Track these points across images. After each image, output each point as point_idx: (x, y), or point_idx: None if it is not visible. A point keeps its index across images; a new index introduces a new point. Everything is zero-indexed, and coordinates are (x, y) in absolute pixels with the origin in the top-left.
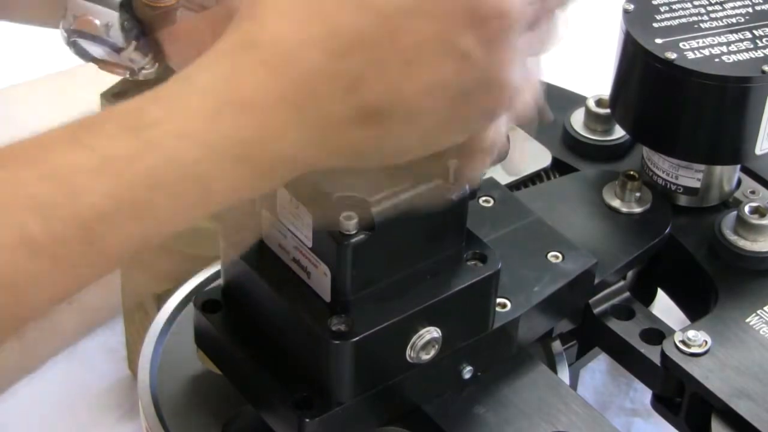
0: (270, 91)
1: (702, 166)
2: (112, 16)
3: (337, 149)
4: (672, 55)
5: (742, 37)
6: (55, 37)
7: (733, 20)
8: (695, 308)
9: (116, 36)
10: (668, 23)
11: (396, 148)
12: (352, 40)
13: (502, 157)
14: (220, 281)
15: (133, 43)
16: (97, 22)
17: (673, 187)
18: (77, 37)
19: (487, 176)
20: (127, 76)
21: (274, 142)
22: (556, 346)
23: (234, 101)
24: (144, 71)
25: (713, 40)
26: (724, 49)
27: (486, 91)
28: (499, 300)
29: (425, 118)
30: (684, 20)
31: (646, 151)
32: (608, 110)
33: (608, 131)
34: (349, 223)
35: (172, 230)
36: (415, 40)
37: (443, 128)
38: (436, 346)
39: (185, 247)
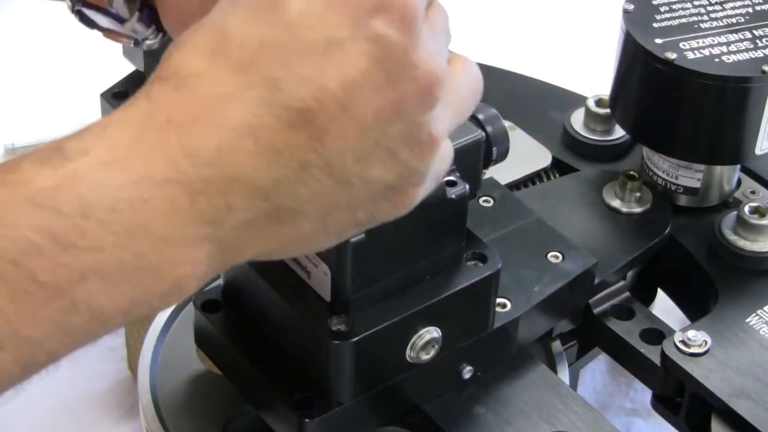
0: (185, 109)
1: (702, 166)
2: None
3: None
4: (672, 55)
5: (742, 37)
6: (55, 36)
7: (733, 20)
8: (695, 308)
9: (119, 7)
10: (668, 23)
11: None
12: (256, 50)
13: (502, 158)
14: (220, 281)
15: (136, 14)
16: None
17: (673, 187)
18: (81, 6)
19: (487, 176)
20: (132, 45)
21: (200, 157)
22: (556, 346)
23: (153, 126)
24: (147, 42)
25: (713, 40)
26: (724, 49)
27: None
28: (499, 300)
29: (357, 108)
30: (684, 20)
31: (646, 151)
32: (608, 110)
33: (608, 131)
34: None
35: (114, 262)
36: (327, 36)
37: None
38: (436, 346)
39: None
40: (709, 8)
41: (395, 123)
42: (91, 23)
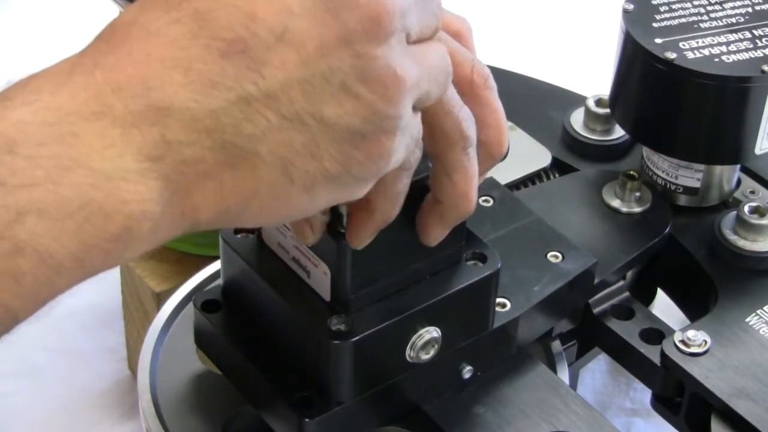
0: (112, 53)
1: (702, 166)
2: None
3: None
4: (672, 55)
5: (741, 36)
6: (54, 35)
7: (733, 20)
8: (695, 308)
9: None
10: (668, 23)
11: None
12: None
13: (502, 157)
14: (220, 281)
15: None
16: None
17: (673, 187)
18: None
19: (487, 176)
20: None
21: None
22: (556, 345)
23: (80, 71)
24: None
25: (713, 40)
26: (724, 48)
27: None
28: (498, 300)
29: (293, 37)
30: (684, 20)
31: (645, 150)
32: (608, 110)
33: (608, 131)
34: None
35: (52, 198)
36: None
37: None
38: (436, 346)
39: (185, 247)
40: (709, 8)
41: (342, 55)
42: None
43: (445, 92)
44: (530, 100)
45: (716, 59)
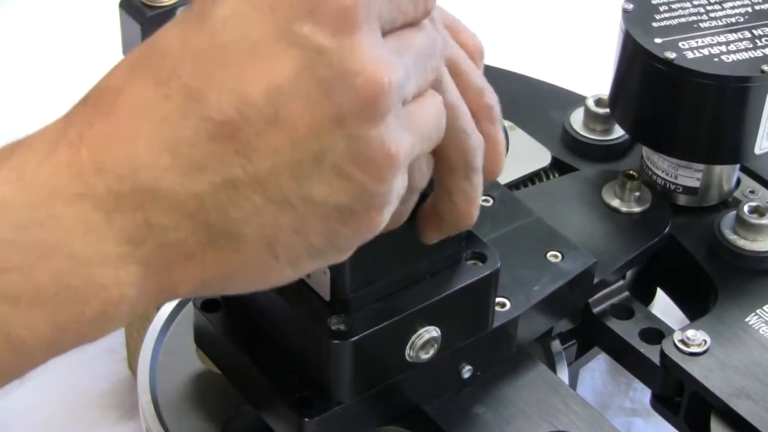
0: (99, 125)
1: (701, 166)
2: None
3: (197, 166)
4: (671, 55)
5: (741, 36)
6: (55, 35)
7: (733, 20)
8: (695, 308)
9: None
10: (668, 23)
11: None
12: (177, 60)
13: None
14: None
15: None
16: None
17: (673, 187)
18: None
19: None
20: None
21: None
22: (556, 345)
23: (65, 143)
24: None
25: (712, 40)
26: (724, 48)
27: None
28: (498, 299)
29: (285, 120)
30: (683, 20)
31: (645, 150)
32: (608, 110)
33: (608, 131)
34: None
35: (27, 284)
36: (249, 42)
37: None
38: (436, 346)
39: None
40: (709, 8)
41: (335, 137)
42: None
43: (434, 145)
44: (530, 100)
45: (716, 59)
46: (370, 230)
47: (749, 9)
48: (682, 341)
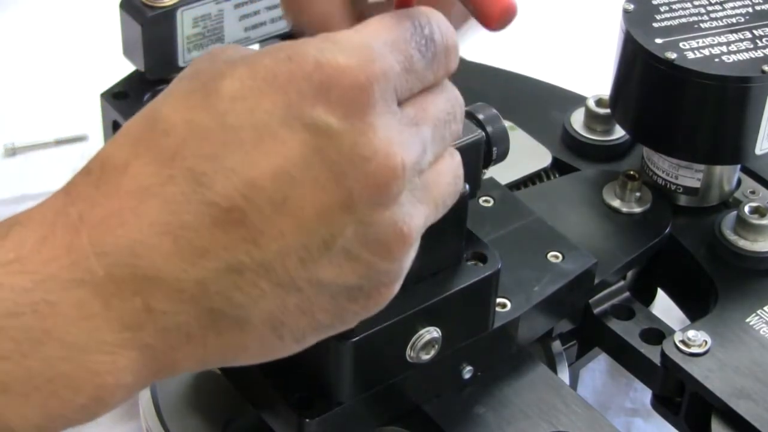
0: (100, 205)
1: (702, 166)
2: None
3: (206, 257)
4: (672, 55)
5: (742, 37)
6: (56, 36)
7: (733, 20)
8: (695, 308)
9: None
10: (668, 23)
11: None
12: (182, 139)
13: (502, 158)
14: None
15: None
16: None
17: (673, 187)
18: None
19: (487, 176)
20: None
21: (122, 255)
22: (556, 346)
23: (64, 223)
24: None
25: (713, 40)
26: (724, 49)
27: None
28: (499, 300)
29: (293, 205)
30: (684, 20)
31: (646, 151)
32: (608, 110)
33: (608, 131)
34: None
35: (19, 372)
36: (258, 124)
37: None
38: (436, 346)
39: None
40: (709, 8)
41: (345, 222)
42: None
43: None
44: (531, 100)
45: (716, 59)
46: (379, 305)
47: (750, 9)
48: (682, 342)
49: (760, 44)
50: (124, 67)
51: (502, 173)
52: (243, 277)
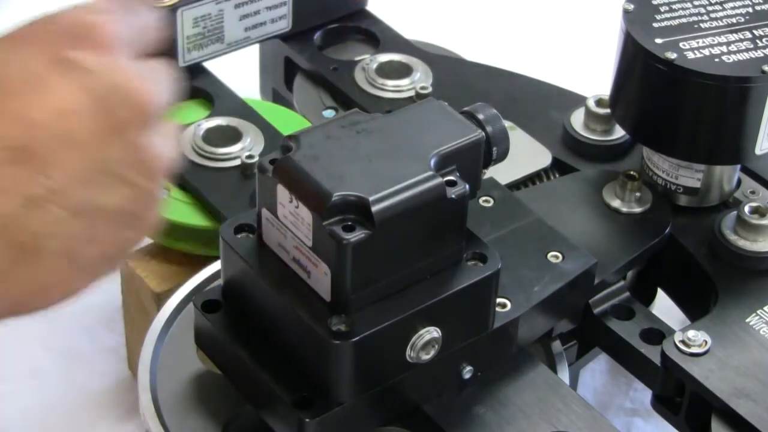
0: None
1: (702, 166)
2: None
3: None
4: (672, 55)
5: (742, 37)
6: None
7: (733, 20)
8: (695, 308)
9: None
10: (668, 23)
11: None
12: None
13: (502, 158)
14: (220, 281)
15: None
16: None
17: (673, 187)
18: None
19: (487, 176)
20: None
21: None
22: (556, 346)
23: None
24: None
25: (713, 40)
26: (724, 49)
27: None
28: (499, 300)
29: (74, 136)
30: (684, 20)
31: (646, 151)
32: (608, 110)
33: (608, 131)
34: (349, 222)
35: None
36: (29, 73)
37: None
38: (436, 346)
39: (185, 248)
40: (709, 8)
41: (117, 146)
42: None
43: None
44: (530, 100)
45: (716, 59)
46: (146, 231)
47: (750, 9)
48: (682, 342)
49: (760, 44)
50: None
51: (502, 173)
52: (40, 206)
